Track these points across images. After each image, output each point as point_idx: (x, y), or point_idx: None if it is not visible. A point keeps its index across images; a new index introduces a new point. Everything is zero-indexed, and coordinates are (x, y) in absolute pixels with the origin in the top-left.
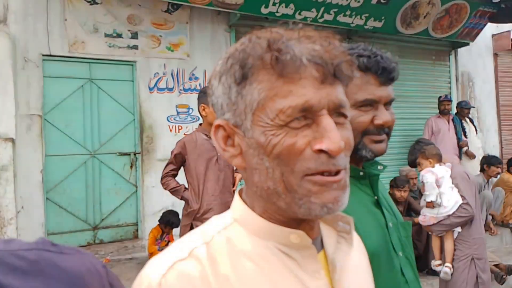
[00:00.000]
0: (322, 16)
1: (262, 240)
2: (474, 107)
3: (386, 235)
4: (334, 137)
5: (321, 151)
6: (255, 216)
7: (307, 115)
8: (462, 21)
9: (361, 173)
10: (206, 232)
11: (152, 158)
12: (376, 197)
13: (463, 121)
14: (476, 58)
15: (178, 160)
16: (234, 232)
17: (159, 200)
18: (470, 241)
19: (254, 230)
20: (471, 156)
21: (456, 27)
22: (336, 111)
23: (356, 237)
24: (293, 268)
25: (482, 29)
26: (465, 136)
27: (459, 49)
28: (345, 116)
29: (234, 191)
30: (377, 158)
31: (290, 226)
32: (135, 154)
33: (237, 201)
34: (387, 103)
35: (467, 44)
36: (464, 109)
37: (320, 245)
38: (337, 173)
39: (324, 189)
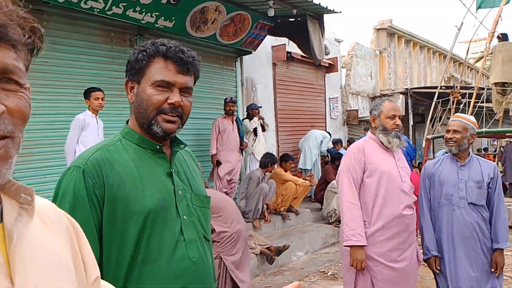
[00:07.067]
0: (110, 9)
1: None
2: (261, 106)
3: (171, 200)
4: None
5: None
6: None
7: None
8: (245, 31)
9: (157, 147)
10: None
11: None
12: (172, 170)
13: (258, 120)
14: (258, 66)
15: None
16: None
17: None
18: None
19: None
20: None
21: (240, 35)
22: (5, 77)
23: (55, 209)
24: None
25: (262, 40)
26: (256, 133)
27: (244, 57)
28: (17, 83)
29: None
30: None
31: None
32: None
33: None
34: (184, 90)
35: (250, 52)
36: (254, 110)
37: None
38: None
39: None
